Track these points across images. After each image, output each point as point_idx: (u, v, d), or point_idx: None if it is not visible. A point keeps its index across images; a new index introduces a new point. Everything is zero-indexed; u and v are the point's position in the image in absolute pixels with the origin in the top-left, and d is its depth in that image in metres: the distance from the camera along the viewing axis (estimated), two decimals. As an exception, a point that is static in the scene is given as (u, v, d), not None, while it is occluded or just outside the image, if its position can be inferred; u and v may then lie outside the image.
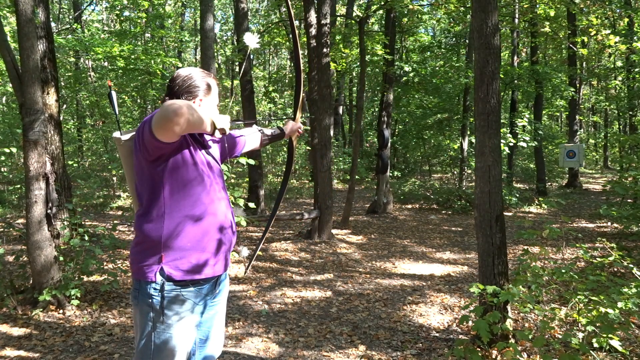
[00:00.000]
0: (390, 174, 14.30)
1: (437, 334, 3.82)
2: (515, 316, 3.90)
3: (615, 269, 4.96)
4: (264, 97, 18.59)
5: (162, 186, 1.71)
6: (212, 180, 1.82)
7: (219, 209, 1.82)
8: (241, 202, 5.53)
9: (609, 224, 8.60)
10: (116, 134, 1.86)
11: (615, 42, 10.22)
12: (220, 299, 1.95)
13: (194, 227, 1.73)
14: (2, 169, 11.66)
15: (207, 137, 1.91)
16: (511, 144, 11.39)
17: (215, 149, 1.96)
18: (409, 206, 12.04)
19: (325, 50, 7.44)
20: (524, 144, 12.39)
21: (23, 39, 3.95)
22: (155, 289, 1.69)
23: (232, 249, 1.96)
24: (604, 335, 2.63)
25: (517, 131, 12.44)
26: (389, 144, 10.73)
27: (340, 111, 20.28)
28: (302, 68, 2.32)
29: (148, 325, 1.71)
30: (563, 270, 3.06)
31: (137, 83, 13.33)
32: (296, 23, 15.42)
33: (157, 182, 1.71)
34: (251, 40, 2.05)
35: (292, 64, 18.89)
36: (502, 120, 13.16)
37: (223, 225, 1.82)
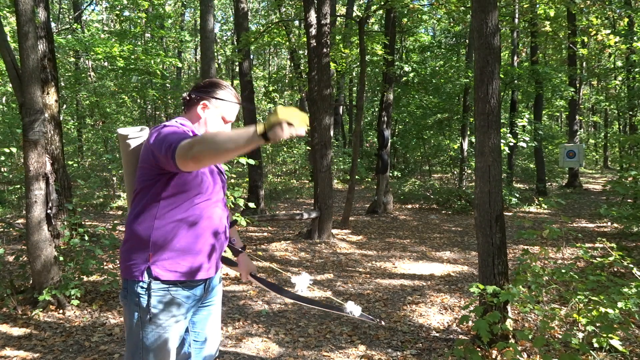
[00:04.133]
0: (390, 174, 14.30)
1: (437, 334, 3.82)
2: (515, 316, 3.90)
3: (615, 269, 4.96)
4: (264, 97, 18.60)
5: (161, 190, 1.71)
6: (211, 181, 1.81)
7: (215, 212, 1.82)
8: (241, 202, 5.53)
9: (609, 224, 8.60)
10: (122, 131, 1.86)
11: (615, 42, 10.22)
12: (214, 300, 1.94)
13: (187, 230, 1.72)
14: (2, 169, 11.66)
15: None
16: (511, 144, 11.39)
17: None
18: (409, 206, 12.04)
19: (325, 50, 7.43)
20: (524, 144, 12.38)
21: (23, 39, 3.95)
22: (142, 287, 1.68)
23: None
24: (604, 335, 2.63)
25: (517, 131, 12.43)
26: (389, 144, 10.73)
27: (340, 111, 20.29)
28: (302, 69, 2.28)
29: (136, 324, 1.70)
30: (563, 270, 3.06)
31: (137, 83, 13.34)
32: (296, 23, 15.45)
33: (158, 186, 1.71)
34: (302, 282, 1.93)
35: (292, 64, 18.86)
36: (502, 120, 13.16)
37: (217, 230, 1.82)
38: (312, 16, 7.63)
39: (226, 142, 1.40)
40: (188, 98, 1.88)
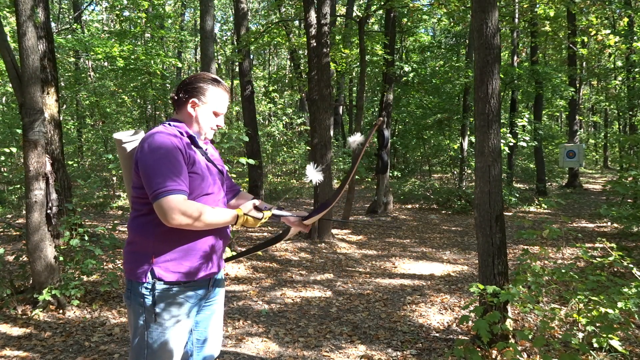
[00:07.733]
0: (390, 174, 14.29)
1: (437, 334, 3.82)
2: (515, 316, 3.90)
3: (615, 269, 4.96)
4: (263, 97, 18.59)
5: None
6: (211, 182, 1.81)
7: None
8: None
9: (609, 224, 8.59)
10: (117, 135, 1.85)
11: (615, 42, 10.21)
12: (216, 299, 1.95)
13: (188, 230, 1.72)
14: (2, 169, 11.66)
15: (201, 140, 1.90)
16: (511, 144, 11.39)
17: (211, 151, 1.96)
18: (409, 206, 12.04)
19: (325, 50, 7.43)
20: (524, 144, 12.39)
21: (23, 39, 3.94)
22: (146, 288, 1.69)
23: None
24: (604, 335, 2.63)
25: (517, 131, 12.43)
26: (389, 144, 10.73)
27: (340, 111, 20.26)
28: (302, 69, 2.25)
29: (141, 325, 1.71)
30: (563, 270, 3.06)
31: (137, 83, 13.34)
32: (296, 23, 15.46)
33: None
34: (313, 174, 2.03)
35: (292, 64, 18.87)
36: (502, 120, 13.16)
37: (218, 228, 1.82)
38: (312, 16, 7.63)
39: (212, 222, 1.70)
40: (176, 97, 1.85)
